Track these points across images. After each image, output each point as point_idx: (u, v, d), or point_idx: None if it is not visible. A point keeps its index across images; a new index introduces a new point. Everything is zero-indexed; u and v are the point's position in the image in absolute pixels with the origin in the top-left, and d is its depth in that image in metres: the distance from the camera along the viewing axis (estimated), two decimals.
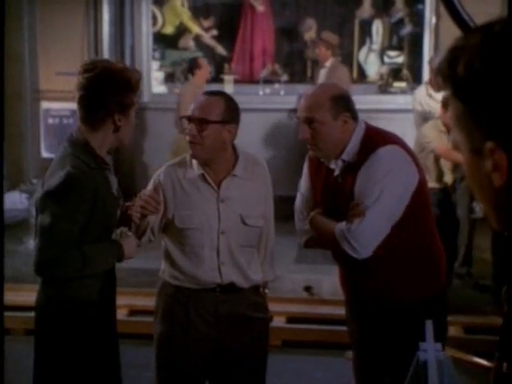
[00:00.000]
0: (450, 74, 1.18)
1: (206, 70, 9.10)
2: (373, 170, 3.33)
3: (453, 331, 5.88)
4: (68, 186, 3.12)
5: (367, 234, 3.29)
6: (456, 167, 6.72)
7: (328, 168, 3.53)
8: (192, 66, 9.09)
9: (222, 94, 3.60)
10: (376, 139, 3.42)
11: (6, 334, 3.82)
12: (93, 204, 3.16)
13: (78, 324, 3.30)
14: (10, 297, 4.65)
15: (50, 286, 3.33)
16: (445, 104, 6.71)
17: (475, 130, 1.17)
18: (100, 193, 3.19)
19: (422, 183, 3.45)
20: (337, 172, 3.48)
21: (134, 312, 6.64)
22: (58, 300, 3.30)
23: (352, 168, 3.40)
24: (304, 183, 3.69)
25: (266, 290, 3.85)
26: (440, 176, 6.86)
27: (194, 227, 3.53)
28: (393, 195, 3.33)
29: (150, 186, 3.61)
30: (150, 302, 6.08)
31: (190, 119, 3.49)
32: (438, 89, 7.51)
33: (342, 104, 3.43)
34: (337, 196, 3.47)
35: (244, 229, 3.59)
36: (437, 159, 6.84)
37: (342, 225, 3.33)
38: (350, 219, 3.32)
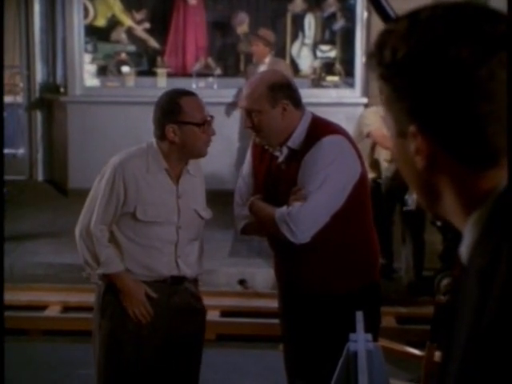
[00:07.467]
0: (378, 58, 1.21)
1: None
2: (317, 157, 3.37)
3: (385, 322, 5.96)
4: None
5: (307, 219, 3.33)
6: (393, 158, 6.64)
7: (272, 155, 3.56)
8: None
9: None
10: (322, 128, 3.47)
11: None
12: None
13: None
14: None
15: None
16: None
17: (401, 113, 1.19)
18: None
19: (363, 177, 3.50)
20: (281, 159, 3.51)
21: (67, 309, 6.57)
22: None
23: (297, 155, 3.44)
24: (246, 169, 3.71)
25: (200, 282, 3.92)
26: (374, 165, 6.87)
27: (157, 221, 3.56)
28: (335, 184, 3.38)
29: (106, 180, 3.54)
30: (84, 298, 6.05)
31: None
32: None
33: (281, 92, 3.45)
34: (279, 183, 3.50)
35: (199, 222, 3.70)
36: (373, 147, 6.84)
37: (283, 209, 3.37)
38: (291, 203, 3.36)
